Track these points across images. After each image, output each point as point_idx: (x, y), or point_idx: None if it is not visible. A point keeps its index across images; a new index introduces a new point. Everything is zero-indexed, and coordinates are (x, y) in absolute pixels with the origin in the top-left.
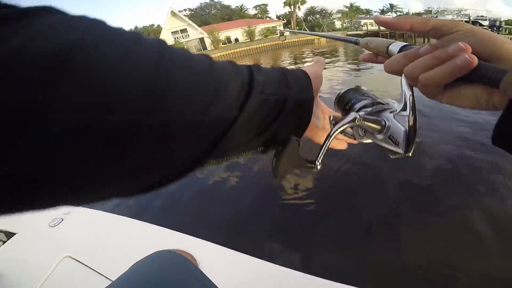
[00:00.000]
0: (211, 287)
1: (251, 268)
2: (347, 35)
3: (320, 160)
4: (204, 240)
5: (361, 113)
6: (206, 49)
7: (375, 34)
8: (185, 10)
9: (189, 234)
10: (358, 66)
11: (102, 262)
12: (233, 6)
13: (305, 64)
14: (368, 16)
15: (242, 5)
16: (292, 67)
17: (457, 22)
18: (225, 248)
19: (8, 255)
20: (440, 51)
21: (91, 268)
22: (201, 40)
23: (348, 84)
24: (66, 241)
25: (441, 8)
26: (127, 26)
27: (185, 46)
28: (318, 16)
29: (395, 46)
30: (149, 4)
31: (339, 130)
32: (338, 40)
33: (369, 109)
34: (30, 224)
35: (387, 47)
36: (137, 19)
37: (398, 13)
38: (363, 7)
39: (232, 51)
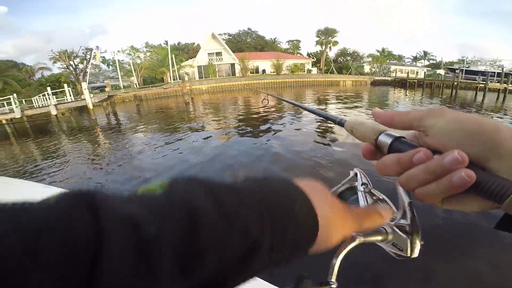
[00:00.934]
0: None
1: None
2: (374, 80)
3: (334, 279)
4: None
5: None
6: (235, 75)
7: (403, 82)
8: (224, 34)
9: None
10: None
11: None
12: (268, 38)
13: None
14: (399, 62)
15: (275, 38)
16: (314, 106)
17: (438, 111)
18: None
19: None
20: (435, 163)
21: None
22: (232, 65)
23: None
24: None
25: (475, 58)
26: (171, 40)
27: (217, 69)
28: (349, 58)
29: (386, 137)
30: (194, 23)
31: (343, 255)
32: (319, 115)
33: None
34: None
35: (377, 137)
36: (180, 35)
37: (431, 61)
38: (396, 52)
39: (258, 81)
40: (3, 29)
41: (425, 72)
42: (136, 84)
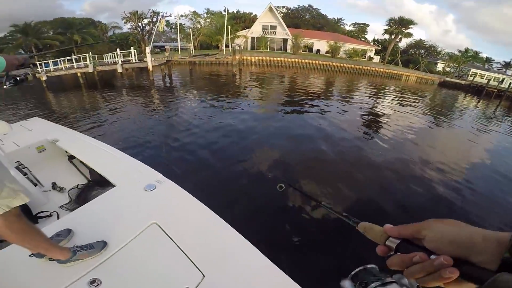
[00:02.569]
0: None
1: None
2: (444, 81)
3: None
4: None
5: None
6: (286, 51)
7: (479, 89)
8: (283, 7)
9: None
10: (436, 120)
11: (182, 236)
12: (330, 17)
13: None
14: (486, 66)
15: (339, 18)
16: (367, 98)
17: (428, 225)
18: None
19: (106, 205)
20: (428, 264)
21: (172, 239)
22: (285, 40)
23: (417, 134)
24: (156, 208)
25: None
26: (231, 8)
27: (269, 43)
28: (423, 51)
29: (392, 242)
30: None
31: None
32: (335, 212)
33: None
34: (129, 182)
35: (385, 240)
36: (238, 5)
37: None
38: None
39: (309, 61)
40: None
41: (510, 83)
42: (192, 50)
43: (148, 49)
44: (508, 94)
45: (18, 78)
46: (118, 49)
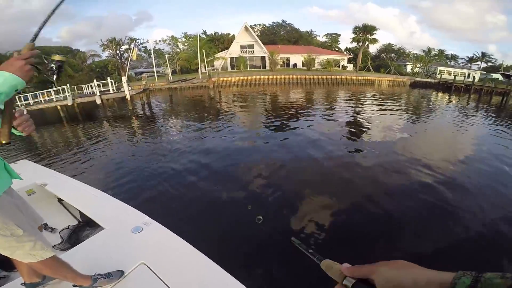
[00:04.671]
0: None
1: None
2: (414, 81)
3: None
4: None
5: None
6: (265, 68)
7: (448, 85)
8: (259, 25)
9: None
10: (416, 120)
11: (170, 275)
12: (303, 30)
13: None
14: (452, 63)
15: (311, 30)
16: (348, 107)
17: (375, 270)
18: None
19: (96, 246)
20: None
21: (160, 278)
22: (263, 58)
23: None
24: (143, 250)
25: None
26: (209, 30)
27: (248, 62)
28: (393, 55)
29: (348, 282)
30: (233, 15)
31: None
32: (301, 249)
33: None
34: (117, 224)
35: (343, 279)
36: (218, 26)
37: (490, 64)
38: (451, 52)
39: (286, 76)
40: (61, 16)
41: (474, 76)
42: (170, 76)
43: (124, 79)
44: (475, 87)
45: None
46: (95, 80)
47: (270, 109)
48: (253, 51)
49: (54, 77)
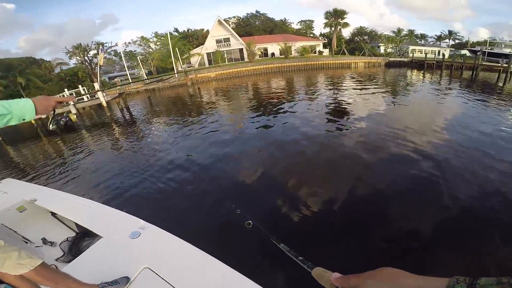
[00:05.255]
0: None
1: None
2: (388, 61)
3: None
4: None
5: None
6: (244, 60)
7: (421, 63)
8: (234, 17)
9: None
10: (395, 97)
11: (175, 276)
12: (277, 19)
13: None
14: (422, 41)
15: (285, 18)
16: (328, 90)
17: (363, 281)
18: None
19: (98, 255)
20: None
21: (166, 281)
22: (241, 50)
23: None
24: (145, 254)
25: (504, 40)
26: (181, 27)
27: (225, 55)
28: (366, 37)
29: None
30: (204, 9)
31: None
32: (292, 257)
33: None
34: (114, 232)
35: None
36: (191, 22)
37: (457, 41)
38: (420, 32)
39: (265, 66)
40: (16, 25)
41: (443, 53)
42: (145, 77)
43: (96, 85)
44: (446, 64)
45: (61, 121)
46: (66, 89)
47: (252, 100)
48: (229, 44)
49: (51, 126)
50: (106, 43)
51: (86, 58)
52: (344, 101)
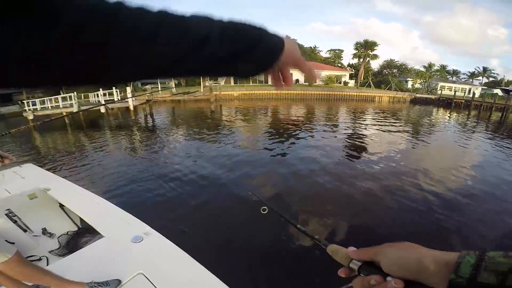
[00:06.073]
0: None
1: None
2: (414, 98)
3: None
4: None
5: None
6: (268, 83)
7: (448, 101)
8: None
9: None
10: (417, 136)
11: (168, 286)
12: (307, 46)
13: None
14: (454, 78)
15: (315, 46)
16: (348, 123)
17: (382, 251)
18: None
19: (94, 254)
20: (382, 287)
21: None
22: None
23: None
24: (142, 260)
25: None
26: None
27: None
28: (395, 71)
29: (354, 264)
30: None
31: None
32: (307, 235)
33: None
34: (117, 233)
35: (349, 262)
36: None
37: (491, 79)
38: (452, 68)
39: (287, 92)
40: None
41: (473, 92)
42: (173, 88)
43: (129, 89)
44: (475, 103)
45: None
46: (100, 89)
47: (271, 125)
48: None
49: None
50: None
51: None
52: (364, 135)
